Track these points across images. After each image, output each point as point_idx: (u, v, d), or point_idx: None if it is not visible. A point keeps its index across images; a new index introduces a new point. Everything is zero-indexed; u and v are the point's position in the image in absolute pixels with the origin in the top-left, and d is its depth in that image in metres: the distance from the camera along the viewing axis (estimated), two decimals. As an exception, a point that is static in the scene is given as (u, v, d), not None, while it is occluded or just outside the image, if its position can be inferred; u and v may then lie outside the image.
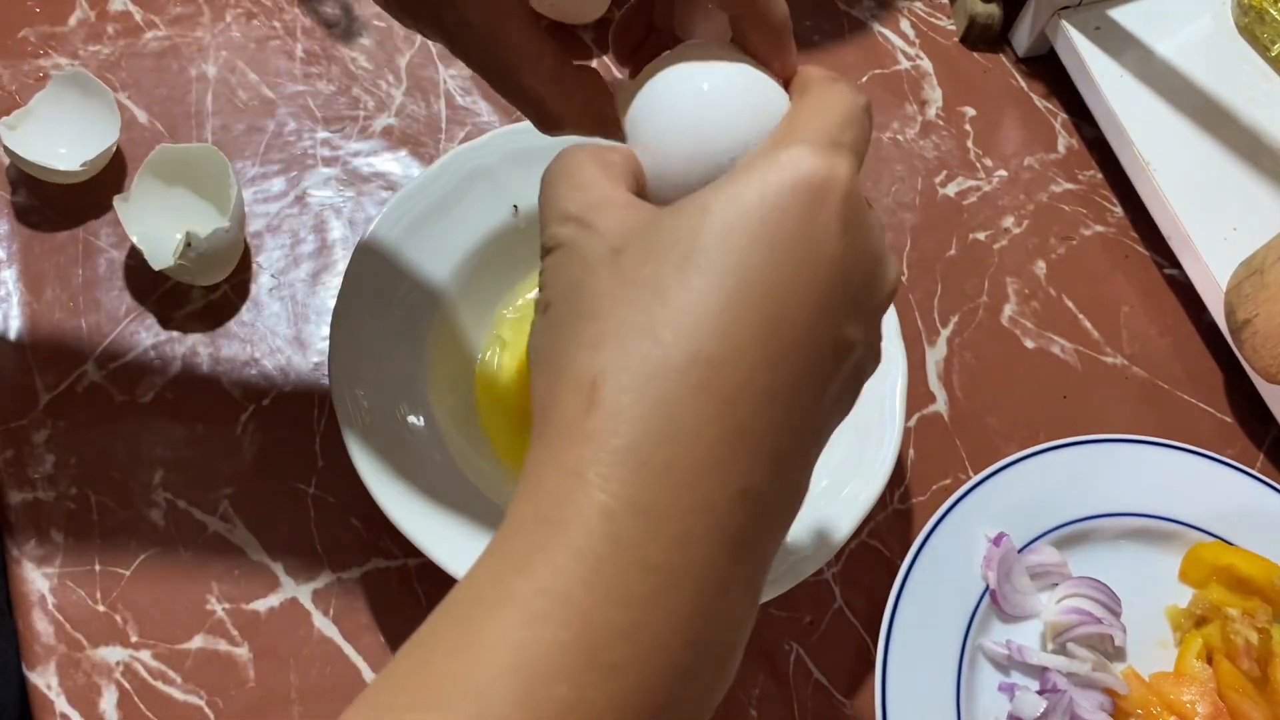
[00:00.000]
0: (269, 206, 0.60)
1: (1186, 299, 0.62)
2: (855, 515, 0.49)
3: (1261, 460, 0.59)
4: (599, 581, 0.24)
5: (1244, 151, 0.62)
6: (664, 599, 0.25)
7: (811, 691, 0.51)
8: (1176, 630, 0.53)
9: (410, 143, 0.62)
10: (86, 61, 0.63)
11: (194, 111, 0.62)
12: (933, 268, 0.62)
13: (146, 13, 0.65)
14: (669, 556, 0.25)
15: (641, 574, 0.25)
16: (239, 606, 0.51)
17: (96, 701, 0.48)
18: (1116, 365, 0.61)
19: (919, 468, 0.57)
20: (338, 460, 0.54)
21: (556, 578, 0.24)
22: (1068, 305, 0.62)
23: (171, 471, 0.53)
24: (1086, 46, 0.64)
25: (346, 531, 0.53)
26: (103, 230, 0.58)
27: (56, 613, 0.50)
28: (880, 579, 0.53)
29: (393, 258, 0.53)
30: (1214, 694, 0.49)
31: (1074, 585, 0.52)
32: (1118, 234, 0.64)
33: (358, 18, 0.66)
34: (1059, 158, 0.66)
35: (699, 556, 0.25)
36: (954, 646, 0.50)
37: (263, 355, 0.56)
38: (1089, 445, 0.55)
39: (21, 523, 0.51)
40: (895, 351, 0.52)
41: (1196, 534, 0.54)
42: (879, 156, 0.65)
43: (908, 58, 0.68)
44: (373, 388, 0.50)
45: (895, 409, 0.51)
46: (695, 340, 0.26)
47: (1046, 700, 0.49)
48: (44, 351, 0.55)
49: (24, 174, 0.58)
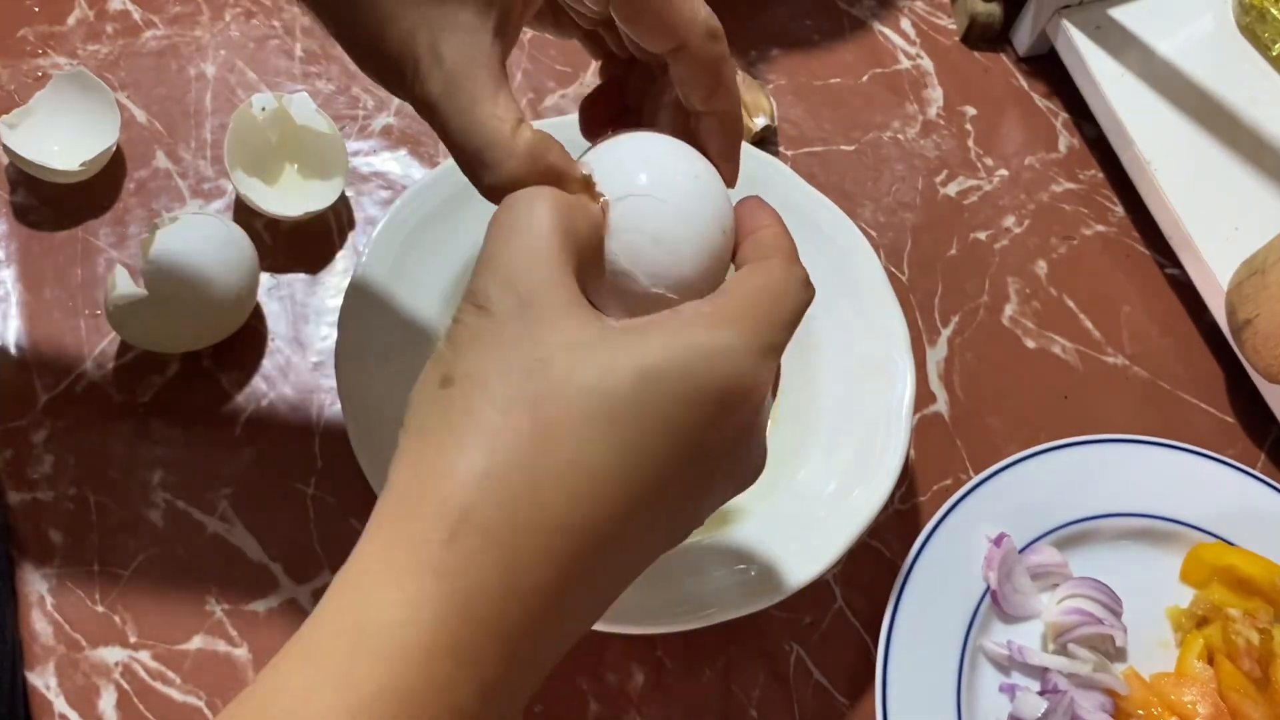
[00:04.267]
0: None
1: (1187, 299, 0.62)
2: (858, 523, 0.49)
3: (1262, 460, 0.59)
4: (406, 715, 0.25)
5: (1245, 151, 0.62)
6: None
7: (812, 692, 0.51)
8: (1178, 631, 0.53)
9: (410, 142, 0.62)
10: (85, 61, 0.62)
11: (193, 111, 0.62)
12: (933, 267, 0.62)
13: (145, 12, 0.64)
14: (472, 704, 0.26)
15: (449, 716, 0.26)
16: (238, 607, 0.51)
17: (95, 702, 0.48)
18: (1117, 365, 0.60)
19: (920, 468, 0.56)
20: (337, 461, 0.54)
21: (369, 705, 0.25)
22: (1068, 305, 0.62)
23: (170, 472, 0.53)
24: (1087, 46, 0.64)
25: (346, 532, 0.53)
26: (102, 230, 0.58)
27: (55, 613, 0.50)
28: (881, 579, 0.53)
29: (402, 254, 0.53)
30: (1215, 695, 0.49)
31: (1075, 586, 0.52)
32: (1119, 234, 0.64)
33: (357, 17, 0.66)
34: (1060, 157, 0.66)
35: (502, 703, 0.27)
36: (955, 647, 0.50)
37: (262, 355, 0.56)
38: (1090, 445, 0.55)
39: (21, 523, 0.51)
40: (904, 362, 0.52)
41: (1197, 534, 0.54)
42: (879, 156, 0.65)
43: (908, 57, 0.68)
44: (379, 384, 0.50)
45: (902, 418, 0.51)
46: (568, 506, 0.26)
47: (1047, 701, 0.49)
48: (43, 351, 0.55)
49: (23, 173, 0.58)
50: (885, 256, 0.62)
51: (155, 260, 0.51)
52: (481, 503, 0.26)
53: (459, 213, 0.54)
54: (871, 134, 0.66)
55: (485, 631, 0.26)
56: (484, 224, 0.54)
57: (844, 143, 0.65)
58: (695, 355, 0.28)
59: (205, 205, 0.59)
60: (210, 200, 0.60)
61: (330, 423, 0.55)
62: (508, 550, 0.26)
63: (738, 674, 0.51)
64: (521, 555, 0.26)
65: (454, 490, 0.26)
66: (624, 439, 0.27)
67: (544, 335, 0.27)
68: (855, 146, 0.65)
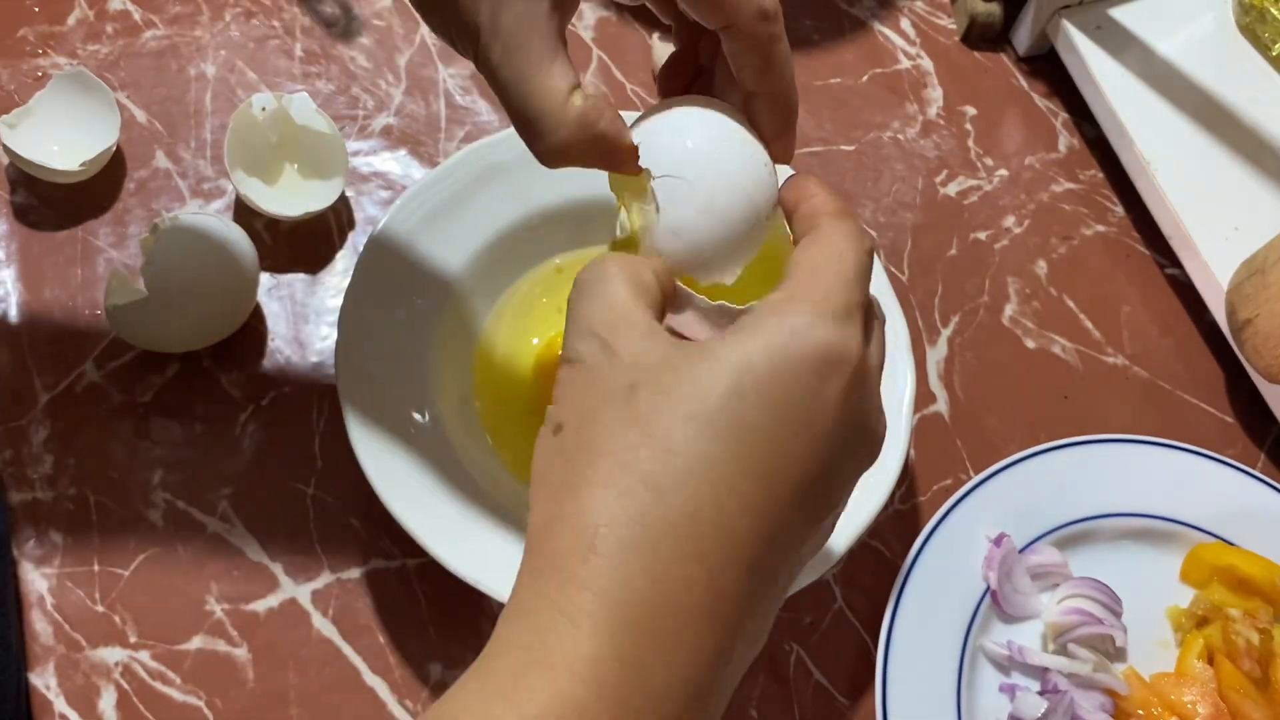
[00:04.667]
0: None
1: (1187, 299, 0.62)
2: (858, 524, 0.49)
3: (1262, 460, 0.59)
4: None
5: (1245, 151, 0.62)
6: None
7: (812, 692, 0.51)
8: (1177, 631, 0.53)
9: (410, 142, 0.62)
10: (85, 61, 0.62)
11: (193, 111, 0.62)
12: (933, 267, 0.62)
13: (145, 12, 0.64)
14: (646, 704, 0.26)
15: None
16: (238, 607, 0.51)
17: (95, 702, 0.48)
18: (1117, 365, 0.60)
19: (920, 468, 0.56)
20: (337, 460, 0.54)
21: (542, 713, 0.26)
22: (1068, 305, 0.62)
23: (171, 471, 0.53)
24: (1087, 46, 0.64)
25: (346, 532, 0.53)
26: (102, 230, 0.58)
27: (55, 613, 0.50)
28: (881, 579, 0.53)
29: (403, 253, 0.53)
30: (1215, 695, 0.49)
31: (1075, 586, 0.52)
32: (1119, 234, 0.64)
33: (357, 17, 0.66)
34: (1060, 157, 0.66)
35: (674, 707, 0.27)
36: (955, 647, 0.50)
37: (262, 355, 0.56)
38: (1090, 445, 0.55)
39: (21, 523, 0.51)
40: (903, 362, 0.52)
41: (1197, 534, 0.54)
42: (879, 156, 0.65)
43: (908, 57, 0.68)
44: (379, 383, 0.50)
45: (902, 418, 0.51)
46: (695, 500, 0.27)
47: (1047, 701, 0.49)
48: (43, 351, 0.55)
49: (23, 173, 0.58)
50: (885, 256, 0.62)
51: (155, 260, 0.51)
52: (612, 518, 0.27)
53: (459, 213, 0.54)
54: (871, 134, 0.66)
55: (643, 633, 0.26)
56: (484, 223, 0.55)
57: (844, 143, 0.65)
58: (777, 338, 0.28)
59: (205, 205, 0.59)
60: (210, 200, 0.60)
61: (330, 423, 0.55)
62: (646, 555, 0.27)
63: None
64: (660, 556, 0.27)
65: (586, 512, 0.27)
66: (729, 426, 0.28)
67: (632, 363, 0.29)
68: (855, 146, 0.65)
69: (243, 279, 0.53)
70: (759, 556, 0.28)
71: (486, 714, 0.26)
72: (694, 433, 0.27)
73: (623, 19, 0.67)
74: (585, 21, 0.67)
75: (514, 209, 0.55)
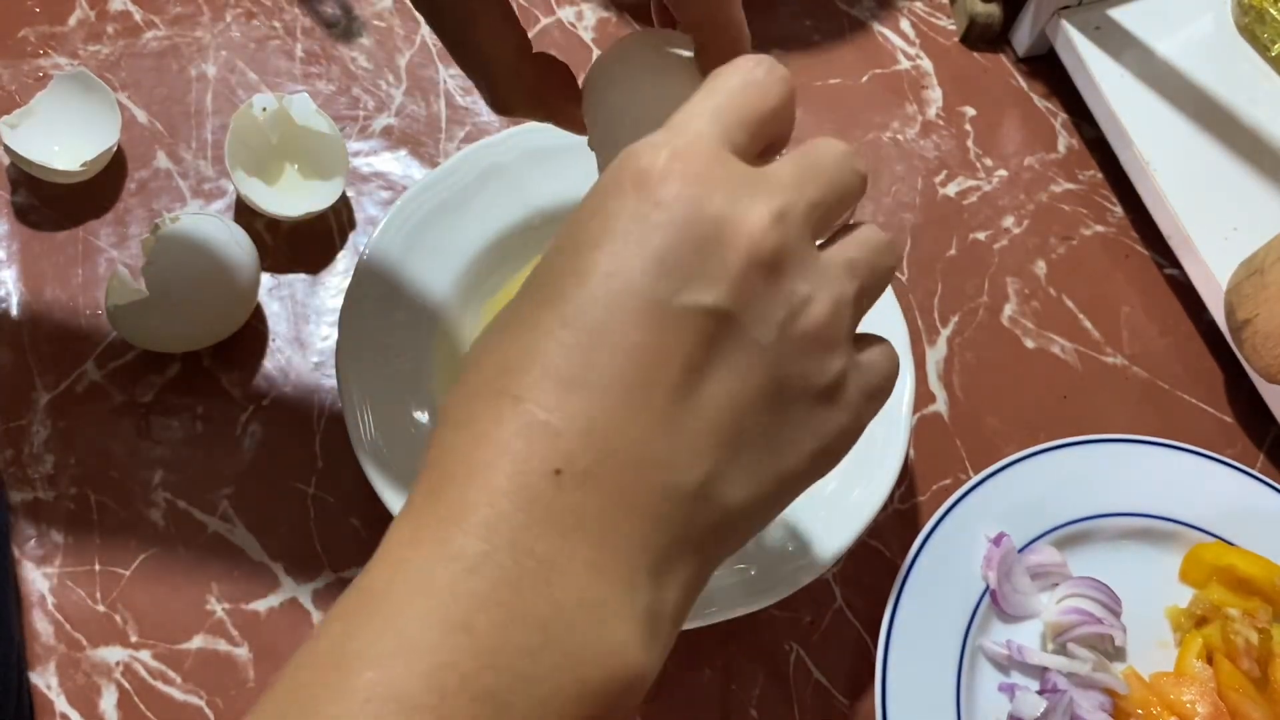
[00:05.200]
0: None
1: (1187, 299, 0.62)
2: (858, 523, 0.49)
3: (1262, 460, 0.59)
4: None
5: (1244, 151, 0.62)
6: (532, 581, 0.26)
7: (811, 692, 0.51)
8: (1177, 630, 0.53)
9: (410, 142, 0.62)
10: (86, 61, 0.63)
11: (194, 111, 0.62)
12: (933, 268, 0.62)
13: (146, 12, 0.65)
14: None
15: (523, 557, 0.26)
16: (239, 607, 0.51)
17: (96, 702, 0.48)
18: (1117, 365, 0.61)
19: (919, 468, 0.57)
20: (338, 460, 0.54)
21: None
22: (1068, 305, 0.62)
23: (171, 471, 0.53)
24: (1086, 46, 0.64)
25: (346, 532, 0.53)
26: (102, 230, 0.58)
27: (56, 612, 0.50)
28: (880, 579, 0.53)
29: (403, 253, 0.53)
30: (1214, 694, 0.49)
31: (1074, 585, 0.52)
32: (1118, 234, 0.64)
33: (357, 17, 0.66)
34: (1059, 157, 0.66)
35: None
36: (954, 647, 0.50)
37: (263, 355, 0.56)
38: (1089, 445, 0.55)
39: (21, 523, 0.51)
40: (903, 362, 0.52)
41: (1197, 534, 0.54)
42: (879, 156, 0.65)
43: (908, 57, 0.68)
44: (379, 383, 0.50)
45: (902, 418, 0.51)
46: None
47: (1047, 700, 0.49)
48: (44, 351, 0.55)
49: (24, 174, 0.58)
50: (885, 257, 0.62)
51: (156, 260, 0.51)
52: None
53: (459, 213, 0.54)
54: (871, 134, 0.66)
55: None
56: (484, 224, 0.55)
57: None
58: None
59: (206, 205, 0.59)
60: (211, 200, 0.60)
61: (330, 423, 0.55)
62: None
63: (738, 673, 0.51)
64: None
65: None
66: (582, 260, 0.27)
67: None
68: (855, 147, 0.65)
69: (243, 279, 0.53)
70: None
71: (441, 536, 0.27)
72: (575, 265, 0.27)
73: (623, 19, 0.67)
74: (585, 22, 0.67)
75: (514, 209, 0.55)
